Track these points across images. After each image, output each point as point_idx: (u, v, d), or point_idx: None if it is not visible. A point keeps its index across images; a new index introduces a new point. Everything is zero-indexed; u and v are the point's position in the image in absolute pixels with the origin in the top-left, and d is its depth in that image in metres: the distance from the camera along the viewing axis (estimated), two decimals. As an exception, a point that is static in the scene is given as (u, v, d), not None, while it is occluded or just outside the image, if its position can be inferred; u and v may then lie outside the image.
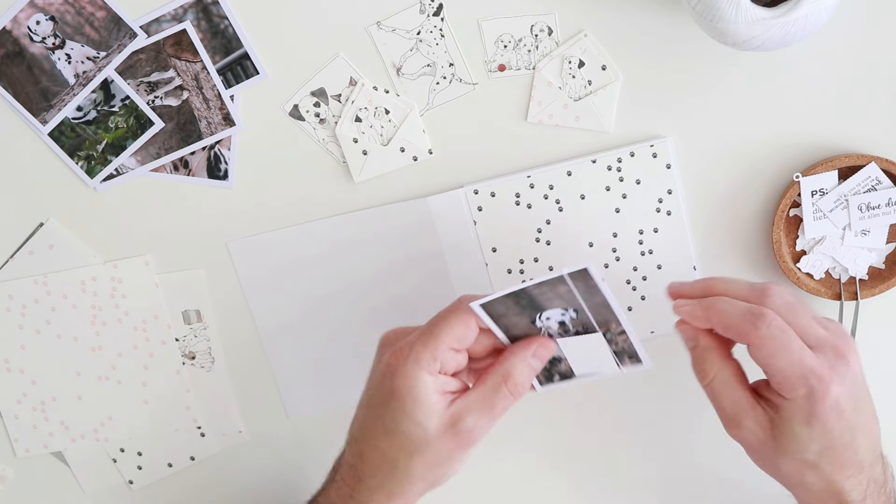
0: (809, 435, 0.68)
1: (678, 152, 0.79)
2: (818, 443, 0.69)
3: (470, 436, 0.70)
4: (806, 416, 0.68)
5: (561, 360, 0.72)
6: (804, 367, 0.68)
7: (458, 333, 0.69)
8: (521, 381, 0.70)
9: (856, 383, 0.70)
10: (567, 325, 0.70)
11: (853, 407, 0.69)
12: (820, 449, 0.69)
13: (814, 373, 0.68)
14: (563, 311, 0.70)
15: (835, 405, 0.68)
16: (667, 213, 0.80)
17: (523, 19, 0.77)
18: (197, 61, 0.78)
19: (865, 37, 0.76)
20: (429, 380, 0.69)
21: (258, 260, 0.82)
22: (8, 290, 0.82)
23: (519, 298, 0.68)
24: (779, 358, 0.68)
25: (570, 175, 0.79)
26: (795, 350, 0.68)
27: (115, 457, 0.86)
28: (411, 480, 0.71)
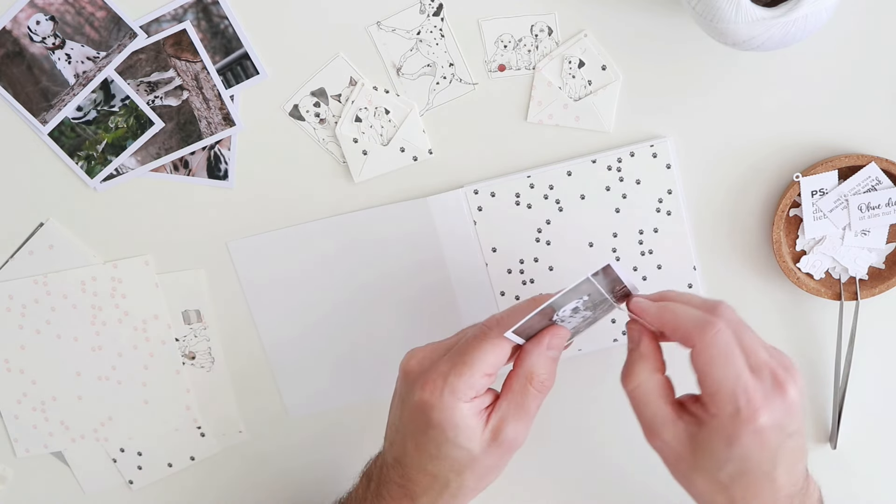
0: (727, 456, 0.67)
1: (678, 152, 0.79)
2: (734, 465, 0.67)
3: (513, 444, 0.71)
4: (727, 437, 0.67)
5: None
6: (738, 385, 0.66)
7: (491, 360, 0.69)
8: (544, 376, 0.71)
9: (789, 415, 0.67)
10: (580, 307, 0.71)
11: (778, 441, 0.67)
12: (734, 472, 0.67)
13: (746, 393, 0.66)
14: (578, 299, 0.70)
15: (758, 433, 0.66)
16: (667, 213, 0.80)
17: (523, 19, 0.77)
18: (197, 61, 0.78)
19: (865, 37, 0.76)
20: (465, 408, 0.69)
21: (258, 260, 0.82)
22: (8, 290, 0.82)
23: (545, 311, 0.69)
24: (717, 368, 0.67)
25: (570, 175, 0.79)
26: (735, 365, 0.67)
27: (115, 457, 0.86)
28: (464, 493, 0.72)
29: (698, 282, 0.81)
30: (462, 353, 0.70)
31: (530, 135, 0.79)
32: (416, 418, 0.70)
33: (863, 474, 0.82)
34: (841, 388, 0.81)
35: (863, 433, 0.83)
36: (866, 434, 0.83)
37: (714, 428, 0.68)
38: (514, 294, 0.82)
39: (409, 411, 0.71)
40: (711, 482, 0.69)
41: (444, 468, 0.71)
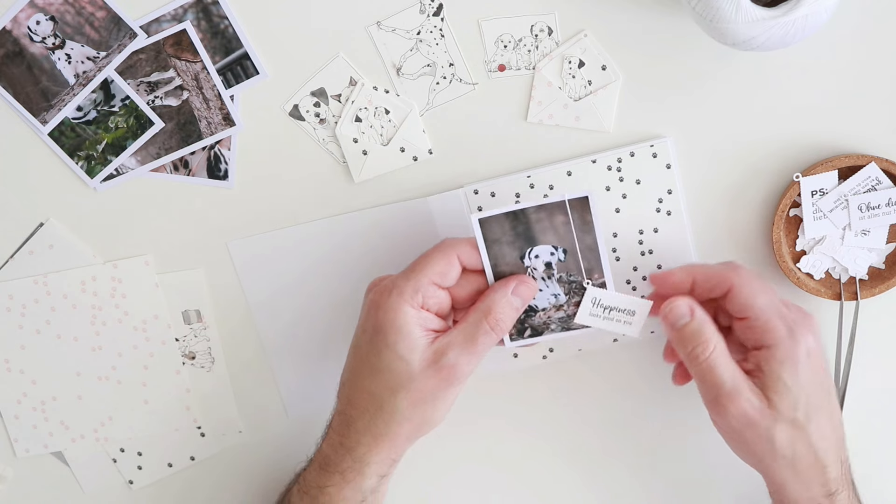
0: (798, 383, 0.69)
1: (678, 152, 0.79)
2: (806, 396, 0.69)
3: (452, 371, 0.70)
4: (792, 359, 0.69)
5: (536, 312, 0.74)
6: (781, 309, 0.70)
7: (439, 268, 0.71)
8: (501, 316, 0.72)
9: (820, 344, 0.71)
10: (553, 267, 0.73)
11: (825, 363, 0.71)
12: (808, 405, 0.70)
13: (790, 315, 0.71)
14: (553, 249, 0.72)
15: (813, 349, 0.70)
16: (667, 213, 0.80)
17: (523, 19, 0.77)
18: (197, 61, 0.78)
19: (865, 37, 0.76)
20: (411, 312, 0.70)
21: (258, 260, 0.82)
22: (8, 290, 0.82)
23: (517, 222, 0.71)
24: (761, 297, 0.70)
25: (570, 175, 0.79)
26: (774, 293, 0.71)
27: (115, 457, 0.86)
28: (397, 420, 0.71)
29: None
30: (414, 262, 0.72)
31: (530, 135, 0.79)
32: (365, 324, 0.72)
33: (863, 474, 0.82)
34: (841, 388, 0.81)
35: (863, 433, 0.83)
36: (866, 434, 0.83)
37: (778, 359, 0.70)
38: None
39: (362, 321, 0.72)
40: (793, 427, 0.70)
41: (380, 384, 0.71)
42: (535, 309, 0.75)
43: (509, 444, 0.86)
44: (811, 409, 0.70)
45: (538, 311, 0.75)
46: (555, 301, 0.75)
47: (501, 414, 0.85)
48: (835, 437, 0.72)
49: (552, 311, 0.75)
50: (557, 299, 0.75)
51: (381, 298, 0.71)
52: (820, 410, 0.70)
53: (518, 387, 0.84)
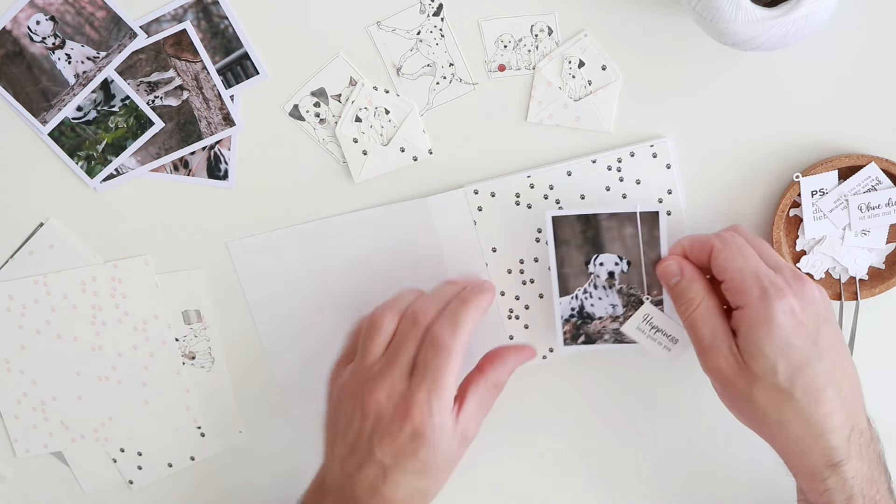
0: (773, 348, 0.68)
1: (678, 152, 0.79)
2: (785, 360, 0.68)
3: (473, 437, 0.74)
4: (765, 323, 0.69)
5: (592, 321, 0.75)
6: (759, 271, 0.70)
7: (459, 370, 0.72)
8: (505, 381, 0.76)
9: (815, 304, 0.70)
10: (615, 277, 0.75)
11: (816, 325, 0.69)
12: (789, 369, 0.69)
13: (768, 277, 0.70)
14: (618, 260, 0.75)
15: (790, 311, 0.69)
16: (667, 213, 0.80)
17: (523, 19, 0.77)
18: (197, 61, 0.78)
19: (865, 37, 0.76)
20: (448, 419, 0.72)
21: (258, 260, 0.82)
22: (8, 290, 0.82)
23: (587, 226, 0.74)
24: (736, 260, 0.71)
25: (570, 175, 0.79)
26: (753, 257, 0.71)
27: (115, 457, 0.86)
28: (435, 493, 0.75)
29: None
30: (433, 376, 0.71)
31: (530, 135, 0.79)
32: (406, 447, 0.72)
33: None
34: (841, 388, 0.81)
35: (863, 433, 0.83)
36: (866, 434, 0.83)
37: (751, 319, 0.70)
38: (513, 294, 0.82)
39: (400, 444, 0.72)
40: (773, 391, 0.69)
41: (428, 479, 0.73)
42: (591, 317, 0.76)
43: (507, 444, 0.86)
44: (796, 373, 0.69)
45: (595, 319, 0.77)
46: (612, 311, 0.77)
47: (500, 413, 0.85)
48: (839, 402, 0.69)
49: (608, 321, 0.77)
50: (615, 310, 0.77)
51: (424, 427, 0.71)
52: (813, 374, 0.69)
53: (518, 386, 0.84)
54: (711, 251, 0.72)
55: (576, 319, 0.78)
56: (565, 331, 0.79)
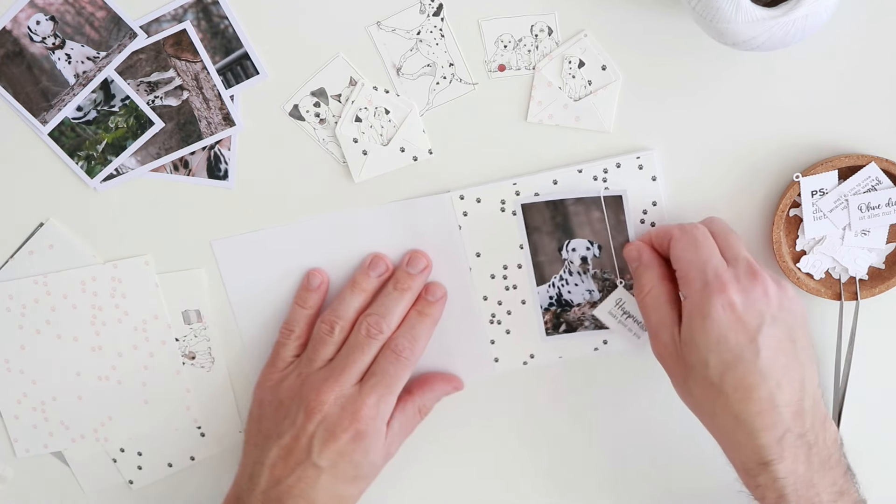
0: (706, 340, 0.68)
1: (677, 153, 0.79)
2: (717, 354, 0.68)
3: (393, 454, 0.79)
4: (700, 313, 0.69)
5: (571, 308, 0.76)
6: (707, 263, 0.70)
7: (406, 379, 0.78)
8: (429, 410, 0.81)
9: (767, 303, 0.69)
10: (588, 262, 0.77)
11: (757, 325, 0.68)
12: (720, 364, 0.68)
13: (715, 270, 0.70)
14: (589, 244, 0.77)
15: (728, 305, 0.68)
16: (651, 225, 0.80)
17: (523, 19, 0.77)
18: (197, 61, 0.78)
19: (865, 37, 0.76)
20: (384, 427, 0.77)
21: (242, 259, 0.82)
22: (8, 290, 0.82)
23: (556, 212, 0.76)
24: (688, 251, 0.72)
25: (555, 184, 0.79)
26: (706, 248, 0.71)
27: (115, 457, 0.86)
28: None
29: None
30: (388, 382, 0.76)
31: (530, 135, 0.79)
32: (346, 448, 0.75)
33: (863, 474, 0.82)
34: (841, 388, 0.81)
35: (863, 433, 0.83)
36: (866, 434, 0.83)
37: (690, 311, 0.70)
38: (496, 299, 0.82)
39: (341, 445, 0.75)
40: (704, 384, 0.70)
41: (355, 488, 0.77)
42: (570, 304, 0.77)
43: (486, 451, 0.85)
44: (726, 369, 0.68)
45: (573, 306, 0.77)
46: (589, 297, 0.78)
47: (480, 419, 0.85)
48: (772, 402, 0.68)
49: (586, 307, 0.78)
50: (591, 295, 0.78)
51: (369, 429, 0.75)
52: (745, 371, 0.68)
53: (498, 393, 0.84)
54: (669, 241, 0.74)
55: (555, 308, 0.80)
56: (546, 321, 0.80)
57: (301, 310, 0.81)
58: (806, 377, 0.70)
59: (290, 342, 0.80)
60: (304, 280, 0.81)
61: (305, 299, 0.81)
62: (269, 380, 0.80)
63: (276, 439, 0.76)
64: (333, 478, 0.75)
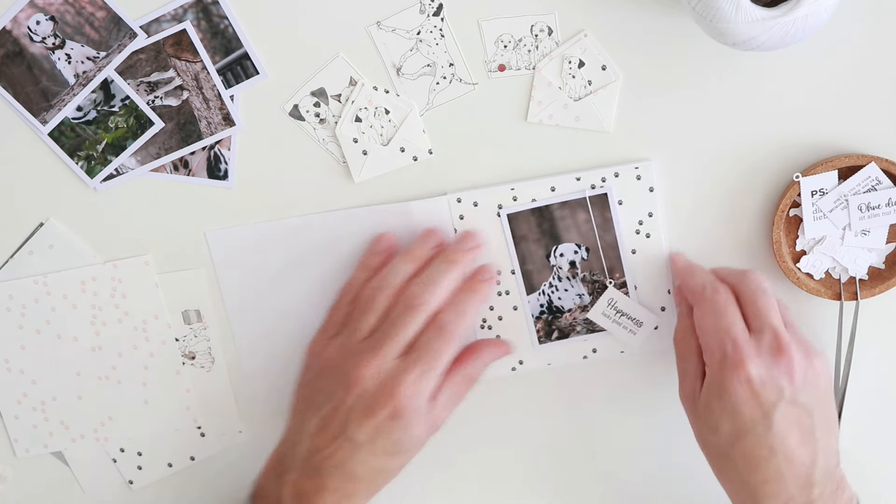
0: (720, 409, 0.69)
1: (678, 152, 0.79)
2: (729, 422, 0.69)
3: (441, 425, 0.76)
4: (718, 386, 0.69)
5: (562, 314, 0.76)
6: (727, 334, 0.70)
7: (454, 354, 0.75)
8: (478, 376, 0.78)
9: (790, 381, 0.69)
10: (577, 266, 0.77)
11: (774, 402, 0.68)
12: (731, 432, 0.69)
13: (734, 342, 0.69)
14: (577, 248, 0.77)
15: (748, 382, 0.68)
16: (646, 236, 0.80)
17: (523, 19, 0.77)
18: (197, 61, 0.78)
19: (865, 37, 0.76)
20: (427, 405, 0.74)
21: (236, 252, 0.82)
22: (8, 290, 0.82)
23: (542, 219, 0.76)
24: (709, 319, 0.71)
25: (553, 190, 0.79)
26: (727, 317, 0.70)
27: (115, 457, 0.86)
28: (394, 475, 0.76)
29: (672, 306, 0.81)
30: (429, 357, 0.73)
31: (530, 135, 0.79)
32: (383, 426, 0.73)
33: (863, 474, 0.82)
34: (841, 388, 0.81)
35: (863, 433, 0.83)
36: (866, 434, 0.83)
37: (709, 381, 0.70)
38: (488, 303, 0.82)
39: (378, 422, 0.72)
40: (714, 446, 0.71)
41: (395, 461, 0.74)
42: (561, 310, 0.77)
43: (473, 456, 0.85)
44: (736, 438, 0.70)
45: (564, 312, 0.77)
46: (579, 301, 0.78)
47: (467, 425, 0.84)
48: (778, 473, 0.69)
49: (577, 311, 0.78)
50: (582, 300, 0.78)
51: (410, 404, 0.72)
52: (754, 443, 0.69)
53: (486, 399, 0.84)
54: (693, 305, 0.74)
55: (546, 316, 0.80)
56: (538, 329, 0.80)
57: (362, 274, 0.78)
58: (820, 449, 0.70)
59: (343, 306, 0.78)
60: (371, 242, 0.79)
61: (368, 262, 0.78)
62: (318, 345, 0.78)
63: (316, 410, 0.74)
64: (371, 452, 0.73)
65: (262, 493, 0.77)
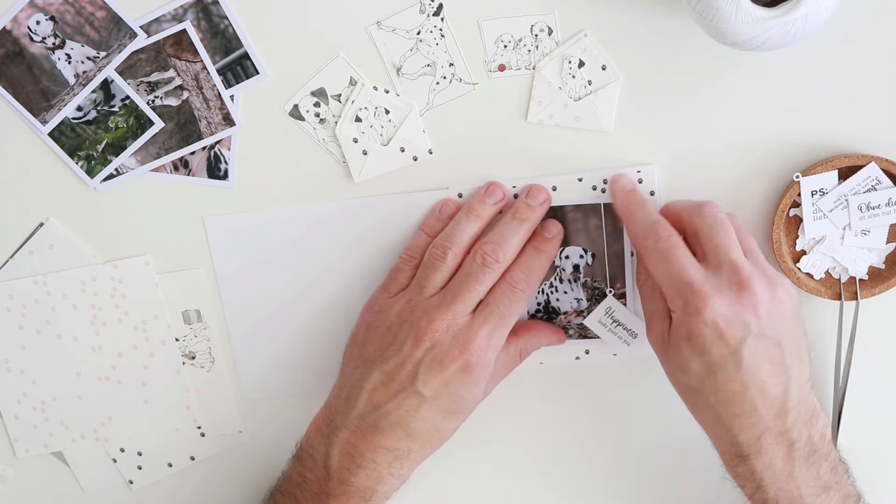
0: (690, 350, 0.69)
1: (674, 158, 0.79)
2: (698, 361, 0.69)
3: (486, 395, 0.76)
4: (686, 333, 0.69)
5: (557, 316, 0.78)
6: (681, 281, 0.69)
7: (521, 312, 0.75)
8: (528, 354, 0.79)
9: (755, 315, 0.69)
10: (580, 270, 0.77)
11: (741, 338, 0.68)
12: (701, 371, 0.69)
13: (691, 286, 0.69)
14: (583, 252, 0.76)
15: (711, 323, 0.68)
16: None
17: (523, 19, 0.77)
18: (197, 61, 0.78)
19: (865, 37, 0.76)
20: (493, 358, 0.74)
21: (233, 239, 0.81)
22: (8, 290, 0.82)
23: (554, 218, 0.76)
24: (659, 267, 0.71)
25: (554, 190, 0.79)
26: (677, 263, 0.70)
27: (115, 457, 0.86)
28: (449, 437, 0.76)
29: None
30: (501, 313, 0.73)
31: (530, 135, 0.79)
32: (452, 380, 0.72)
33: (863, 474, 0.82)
34: (841, 388, 0.81)
35: (863, 433, 0.83)
36: (866, 434, 0.83)
37: (675, 325, 0.71)
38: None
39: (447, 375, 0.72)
40: (686, 384, 0.71)
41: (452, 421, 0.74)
42: (556, 312, 0.77)
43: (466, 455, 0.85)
44: (707, 375, 0.69)
45: (560, 314, 0.77)
46: (576, 305, 0.78)
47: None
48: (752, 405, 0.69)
49: (573, 315, 0.78)
50: (579, 304, 0.77)
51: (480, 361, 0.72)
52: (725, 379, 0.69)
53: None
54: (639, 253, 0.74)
55: (542, 315, 0.79)
56: None
57: (424, 237, 0.78)
58: (791, 379, 0.70)
59: (407, 268, 0.78)
60: (434, 207, 0.79)
61: (432, 227, 0.78)
62: (378, 304, 0.77)
63: (379, 364, 0.73)
64: (434, 409, 0.72)
65: (306, 454, 0.76)
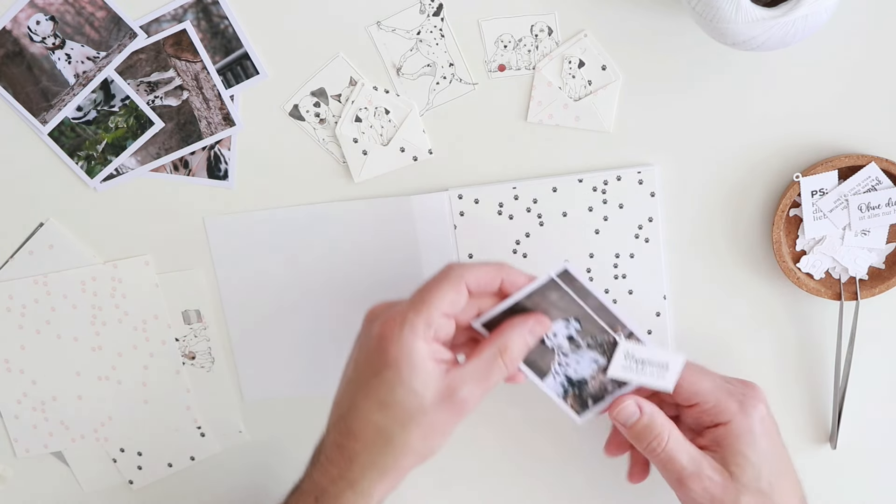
0: (757, 455, 0.72)
1: (674, 158, 0.79)
2: (767, 465, 0.72)
3: (464, 406, 0.69)
4: (748, 433, 0.72)
5: (587, 383, 0.74)
6: (724, 387, 0.74)
7: (450, 298, 0.69)
8: (516, 354, 0.71)
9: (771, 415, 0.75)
10: (576, 338, 0.72)
11: (776, 430, 0.75)
12: (770, 474, 0.72)
13: (737, 390, 0.74)
14: (566, 322, 0.72)
15: (764, 420, 0.73)
16: (644, 241, 0.80)
17: (523, 19, 0.77)
18: (197, 61, 0.78)
19: (865, 37, 0.76)
20: (424, 347, 0.68)
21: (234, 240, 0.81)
22: (8, 290, 0.82)
23: (515, 313, 0.71)
24: (704, 382, 0.74)
25: (555, 191, 0.79)
26: (712, 375, 0.75)
27: (115, 457, 0.86)
28: (405, 453, 0.70)
29: (667, 311, 0.81)
30: (421, 292, 0.70)
31: (530, 135, 0.79)
32: (372, 358, 0.69)
33: (863, 474, 0.82)
34: (841, 388, 0.81)
35: (863, 433, 0.83)
36: (866, 434, 0.83)
37: (735, 434, 0.73)
38: None
39: (366, 352, 0.70)
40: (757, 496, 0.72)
41: (389, 417, 0.69)
42: (585, 380, 0.73)
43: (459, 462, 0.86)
44: (773, 477, 0.73)
45: (588, 380, 0.74)
46: (597, 365, 0.73)
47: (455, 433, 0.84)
48: (797, 499, 0.74)
49: (600, 375, 0.73)
50: (598, 363, 0.73)
51: (390, 332, 0.68)
52: (781, 476, 0.73)
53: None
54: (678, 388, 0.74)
55: (573, 390, 0.75)
56: (570, 405, 0.75)
57: None
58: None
59: None
60: None
61: None
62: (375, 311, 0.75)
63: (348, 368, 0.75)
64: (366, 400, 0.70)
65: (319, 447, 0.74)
